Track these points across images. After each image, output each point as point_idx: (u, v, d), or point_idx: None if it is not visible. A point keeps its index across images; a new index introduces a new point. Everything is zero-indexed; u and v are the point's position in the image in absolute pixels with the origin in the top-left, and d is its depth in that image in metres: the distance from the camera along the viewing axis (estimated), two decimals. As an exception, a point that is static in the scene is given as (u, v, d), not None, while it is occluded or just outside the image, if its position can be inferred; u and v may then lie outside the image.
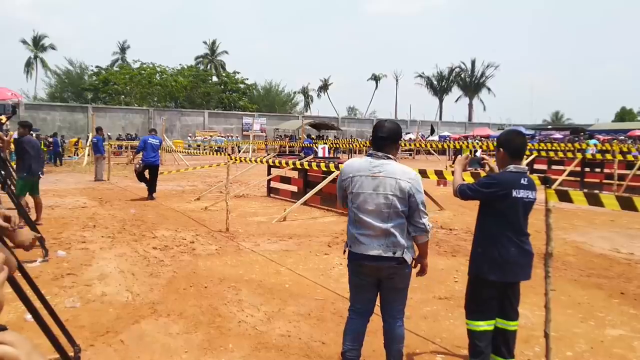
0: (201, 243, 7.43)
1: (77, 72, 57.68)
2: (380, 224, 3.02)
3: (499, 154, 3.42)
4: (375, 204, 3.04)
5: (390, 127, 3.18)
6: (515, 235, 3.24)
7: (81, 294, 5.10)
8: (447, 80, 77.74)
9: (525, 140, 3.53)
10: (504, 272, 3.26)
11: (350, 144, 32.54)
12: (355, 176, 3.12)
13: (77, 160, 27.68)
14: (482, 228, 3.39)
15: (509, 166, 3.30)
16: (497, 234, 3.26)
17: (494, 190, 3.23)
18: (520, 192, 3.19)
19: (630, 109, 73.10)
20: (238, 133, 47.74)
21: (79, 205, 11.14)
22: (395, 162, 3.10)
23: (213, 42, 67.02)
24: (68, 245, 7.19)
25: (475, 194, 3.32)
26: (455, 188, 3.47)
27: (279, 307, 4.75)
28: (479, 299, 3.40)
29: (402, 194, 2.99)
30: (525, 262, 3.28)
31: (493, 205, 3.29)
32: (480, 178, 3.56)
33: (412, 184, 3.01)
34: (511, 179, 3.23)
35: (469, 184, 3.43)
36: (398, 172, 3.04)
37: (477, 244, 3.42)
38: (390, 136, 3.14)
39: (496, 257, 3.24)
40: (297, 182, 12.20)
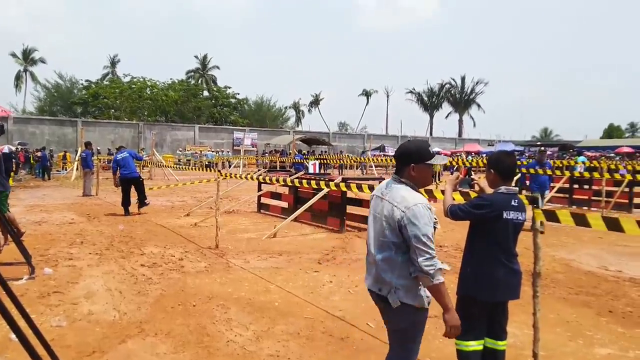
0: (190, 260, 7.38)
1: (67, 85, 57.60)
2: (373, 252, 2.77)
3: (489, 175, 3.41)
4: (374, 228, 2.80)
5: (402, 147, 2.90)
6: (505, 256, 3.23)
7: (67, 312, 5.03)
8: (438, 97, 78.42)
9: (515, 160, 3.52)
10: (493, 292, 3.25)
11: (339, 160, 32.60)
12: (374, 195, 2.94)
13: (65, 175, 27.49)
14: (472, 248, 3.38)
15: (500, 187, 3.30)
16: (487, 255, 3.25)
17: (486, 211, 3.23)
18: (511, 213, 3.20)
19: (617, 125, 74.19)
20: (229, 148, 47.73)
21: (66, 221, 11.04)
22: (405, 187, 2.75)
23: (204, 57, 67.20)
24: (55, 262, 7.10)
25: (467, 215, 3.31)
26: (446, 208, 3.45)
27: (268, 326, 4.72)
28: (469, 318, 3.33)
29: (393, 223, 2.65)
30: (514, 282, 3.27)
31: (483, 226, 3.28)
32: (472, 199, 3.54)
33: (405, 214, 2.60)
34: (502, 201, 3.23)
35: (460, 204, 3.41)
36: (398, 198, 2.69)
37: (466, 264, 3.41)
38: (399, 156, 2.85)
39: (485, 277, 3.24)
40: (287, 198, 12.18)
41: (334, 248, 8.33)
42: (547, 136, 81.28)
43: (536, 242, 3.40)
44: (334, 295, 5.78)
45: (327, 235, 9.60)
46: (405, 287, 2.65)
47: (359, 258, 7.62)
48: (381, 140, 56.17)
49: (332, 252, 7.99)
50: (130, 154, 12.70)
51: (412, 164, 2.74)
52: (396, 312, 2.70)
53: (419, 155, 2.76)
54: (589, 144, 53.38)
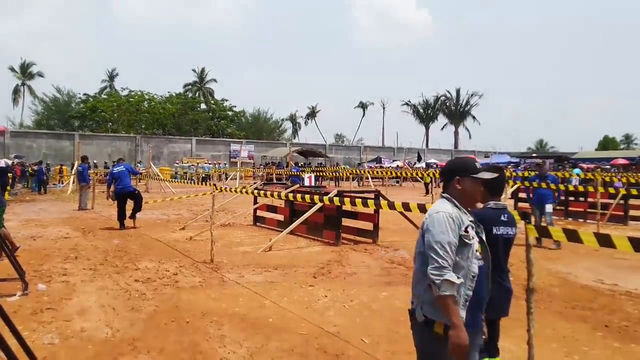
0: (185, 275, 7.34)
1: (65, 99, 57.79)
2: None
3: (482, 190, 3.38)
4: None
5: (448, 162, 2.87)
6: (496, 273, 3.14)
7: (60, 329, 4.99)
8: (433, 109, 78.75)
9: (504, 175, 3.52)
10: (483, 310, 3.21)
11: (334, 172, 32.55)
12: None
13: (61, 189, 27.42)
14: None
15: (489, 202, 3.27)
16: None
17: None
18: (501, 229, 3.17)
19: (613, 137, 74.38)
20: (226, 160, 47.78)
21: (61, 235, 10.99)
22: (443, 200, 2.69)
23: (202, 70, 67.54)
24: (49, 277, 7.06)
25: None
26: None
27: (262, 342, 4.68)
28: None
29: (421, 231, 2.61)
30: (504, 299, 3.26)
31: None
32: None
33: (426, 221, 2.58)
34: (491, 216, 3.20)
35: None
36: (431, 208, 2.66)
37: None
38: (445, 171, 2.79)
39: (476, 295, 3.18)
40: (283, 211, 12.17)
41: (329, 261, 8.30)
42: (543, 148, 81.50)
43: (529, 258, 3.39)
44: (329, 310, 5.74)
45: (323, 249, 9.57)
46: (430, 301, 2.49)
47: (355, 272, 7.60)
48: (377, 152, 56.29)
49: (327, 266, 7.96)
50: (126, 168, 12.68)
51: (457, 176, 2.66)
52: (419, 329, 2.56)
53: (464, 168, 2.69)
54: (585, 156, 53.50)
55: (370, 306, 5.89)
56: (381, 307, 5.85)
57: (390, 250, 9.40)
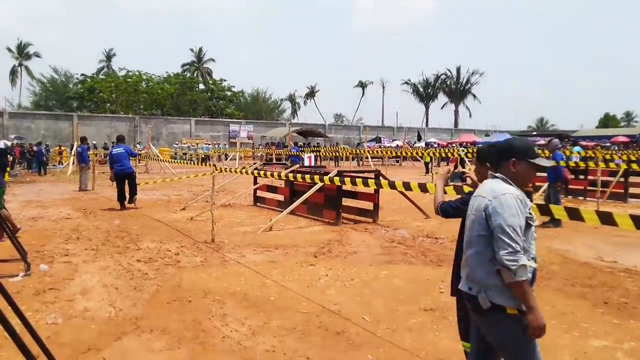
0: (186, 255, 7.37)
1: (62, 80, 57.37)
2: (465, 250, 2.63)
3: (484, 169, 3.22)
4: (467, 226, 2.66)
5: (505, 141, 2.76)
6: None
7: (63, 309, 5.02)
8: (433, 87, 78.25)
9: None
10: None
11: (334, 152, 32.50)
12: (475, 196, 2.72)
13: (61, 170, 27.41)
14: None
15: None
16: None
17: None
18: None
19: (613, 115, 74.18)
20: (225, 140, 47.63)
21: (62, 216, 11.02)
22: (497, 180, 2.60)
23: (200, 50, 66.89)
24: (51, 258, 7.09)
25: (457, 212, 3.20)
26: (436, 205, 3.35)
27: (264, 321, 4.72)
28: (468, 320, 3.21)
29: (480, 213, 2.51)
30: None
31: None
32: (464, 195, 3.42)
33: (490, 203, 2.47)
34: None
35: (451, 201, 3.29)
36: (487, 189, 2.57)
37: (457, 264, 3.31)
38: (501, 150, 2.68)
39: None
40: (283, 191, 12.17)
41: (329, 241, 8.33)
42: (543, 126, 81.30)
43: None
44: (330, 288, 5.78)
45: (323, 228, 9.60)
46: (497, 286, 2.44)
47: (355, 251, 7.63)
48: (377, 132, 56.14)
49: (327, 245, 7.99)
50: (125, 149, 12.65)
51: (514, 158, 2.58)
52: (488, 316, 2.50)
53: (523, 151, 2.61)
54: (585, 134, 53.40)
55: (371, 284, 5.93)
56: (381, 286, 5.88)
57: (390, 229, 9.42)
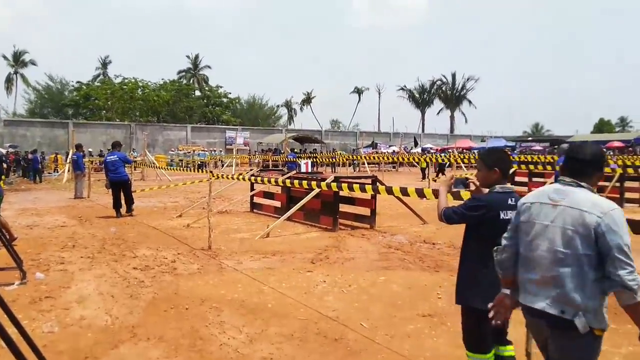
0: (183, 262, 7.35)
1: (58, 87, 57.33)
2: (551, 268, 2.39)
3: (494, 174, 3.18)
4: (548, 239, 2.40)
5: (593, 150, 2.52)
6: None
7: (59, 317, 4.99)
8: (429, 93, 78.63)
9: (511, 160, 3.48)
10: (490, 300, 2.96)
11: (331, 158, 32.52)
12: (534, 203, 2.53)
13: (56, 177, 27.32)
14: (468, 252, 3.25)
15: (494, 186, 3.14)
16: (484, 259, 3.02)
17: (481, 212, 3.07)
18: (508, 213, 2.99)
19: (608, 120, 74.51)
20: (221, 147, 47.62)
21: (58, 224, 10.97)
22: (587, 191, 2.41)
23: (196, 57, 67.07)
24: (47, 266, 7.05)
25: (462, 218, 3.16)
26: (440, 212, 3.30)
27: (262, 328, 4.70)
28: (476, 330, 3.19)
29: (586, 231, 2.28)
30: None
31: (480, 229, 3.12)
32: (466, 201, 3.36)
33: (602, 220, 2.25)
34: (499, 200, 3.06)
35: (455, 207, 3.24)
36: (585, 202, 2.34)
37: (464, 270, 3.27)
38: (593, 160, 2.48)
39: (484, 284, 3.05)
40: (280, 198, 12.16)
41: (327, 247, 8.32)
42: (539, 131, 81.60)
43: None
44: (328, 295, 5.77)
45: (320, 234, 9.59)
46: (595, 310, 2.30)
47: (352, 257, 7.62)
48: (373, 138, 56.18)
49: (325, 252, 7.98)
50: (119, 157, 12.61)
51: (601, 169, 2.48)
52: (579, 339, 2.33)
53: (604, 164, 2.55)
54: (580, 139, 53.41)
55: (369, 291, 5.92)
56: (379, 292, 5.88)
57: (387, 235, 9.42)
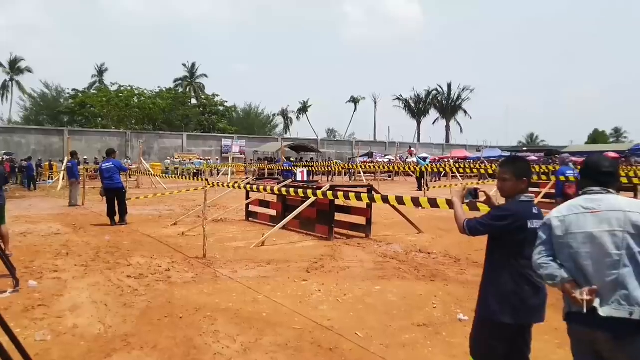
0: (177, 271, 7.31)
1: (53, 95, 57.29)
2: (608, 272, 2.37)
3: (522, 184, 3.10)
4: (598, 245, 2.41)
5: (612, 162, 2.68)
6: (531, 272, 2.88)
7: (52, 326, 4.95)
8: (425, 103, 78.94)
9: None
10: (517, 314, 2.97)
11: (327, 167, 32.51)
12: (568, 215, 2.53)
13: (51, 185, 27.22)
14: (493, 264, 3.11)
15: (520, 195, 3.06)
16: (511, 271, 2.97)
17: (508, 222, 2.96)
18: (534, 222, 2.92)
19: (602, 131, 74.99)
20: (217, 155, 47.59)
21: (52, 231, 10.91)
22: (617, 195, 2.54)
23: (192, 65, 67.17)
24: (40, 274, 7.00)
25: (488, 229, 3.04)
26: (462, 224, 3.13)
27: (256, 337, 4.67)
28: (491, 345, 3.08)
29: (636, 229, 2.35)
30: (539, 301, 3.01)
31: (507, 239, 3.00)
32: (491, 210, 3.24)
33: None
34: (525, 209, 3.00)
35: (478, 218, 3.09)
36: (623, 204, 2.45)
37: (487, 282, 3.14)
38: (614, 170, 2.63)
39: (509, 297, 2.96)
40: (276, 206, 12.13)
41: (322, 256, 8.29)
42: (533, 142, 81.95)
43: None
44: (323, 304, 5.74)
45: (316, 243, 9.56)
46: None
47: (348, 266, 7.60)
48: (369, 147, 56.32)
49: (320, 261, 7.95)
50: (115, 164, 12.58)
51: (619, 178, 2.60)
52: None
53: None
54: (575, 150, 53.55)
55: (364, 300, 5.90)
56: (374, 301, 5.86)
57: (383, 244, 9.41)
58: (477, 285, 6.56)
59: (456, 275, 7.10)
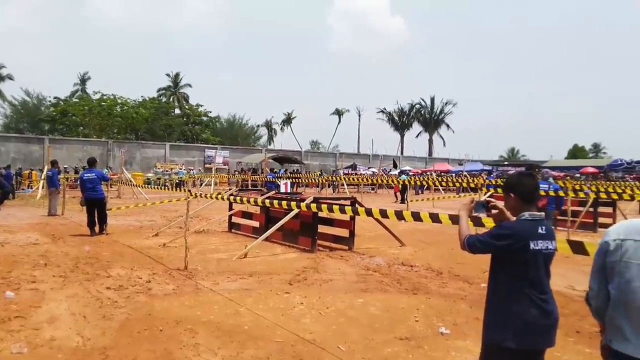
0: (158, 282, 7.22)
1: (34, 102, 56.55)
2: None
3: (509, 200, 2.97)
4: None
5: None
6: (537, 294, 2.79)
7: (29, 338, 4.85)
8: (408, 116, 79.53)
9: (537, 182, 3.09)
10: (522, 338, 2.78)
11: (309, 179, 32.47)
12: (626, 240, 2.28)
13: (30, 194, 26.79)
14: (496, 286, 2.93)
15: (523, 213, 2.88)
16: (515, 293, 2.81)
17: (508, 242, 2.78)
18: (539, 243, 2.79)
19: (582, 146, 76.28)
20: (200, 166, 47.37)
21: (30, 241, 10.72)
22: None
23: (176, 75, 66.91)
24: (17, 285, 6.87)
25: (487, 247, 2.87)
26: (463, 239, 2.99)
27: (237, 350, 4.63)
28: None
29: None
30: (547, 324, 2.83)
31: (508, 260, 2.84)
32: (492, 228, 3.05)
33: None
34: (527, 229, 2.82)
35: (479, 235, 2.92)
36: None
37: (491, 304, 2.96)
38: None
39: (513, 320, 2.79)
40: (259, 218, 12.10)
41: (305, 268, 8.27)
42: (514, 156, 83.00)
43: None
44: (305, 317, 5.72)
45: (299, 255, 9.54)
46: None
47: (330, 279, 7.59)
48: (353, 159, 56.54)
49: (303, 273, 7.93)
50: (97, 175, 12.43)
51: None
52: None
53: None
54: (555, 164, 54.46)
55: (346, 313, 5.88)
56: (357, 314, 5.85)
57: (366, 257, 9.42)
58: (459, 298, 6.64)
59: (438, 289, 7.13)
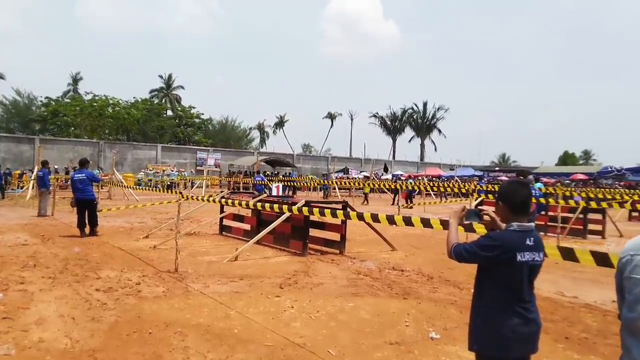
0: (148, 285, 7.18)
1: (25, 102, 56.15)
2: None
3: (498, 208, 2.95)
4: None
5: None
6: (520, 304, 2.81)
7: (17, 340, 4.81)
8: (400, 121, 79.88)
9: (530, 192, 3.02)
10: (506, 346, 2.81)
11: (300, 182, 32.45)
12: (636, 255, 2.17)
13: (20, 194, 26.59)
14: (482, 296, 2.94)
15: (511, 224, 2.84)
16: (499, 303, 2.82)
17: (495, 253, 2.76)
18: (526, 254, 2.77)
19: (572, 153, 76.91)
20: (192, 168, 47.24)
21: (19, 242, 10.64)
22: None
23: (169, 77, 66.82)
24: (5, 286, 6.81)
25: (473, 257, 2.85)
26: (450, 249, 2.95)
27: (227, 354, 4.61)
28: None
29: None
30: (530, 332, 2.85)
31: (494, 270, 2.83)
32: (480, 237, 2.98)
33: None
34: (515, 240, 2.79)
35: (466, 244, 2.90)
36: None
37: (475, 313, 2.99)
38: None
39: (496, 329, 2.81)
40: (250, 221, 12.07)
41: (296, 272, 8.26)
42: (505, 162, 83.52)
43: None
44: (295, 321, 5.71)
45: (290, 259, 9.52)
46: None
47: (321, 282, 7.58)
48: (345, 163, 56.62)
49: (294, 276, 7.91)
50: (88, 175, 12.34)
51: None
52: None
53: None
54: (545, 171, 54.90)
55: (337, 317, 5.88)
56: (347, 318, 5.84)
57: (356, 261, 9.42)
58: (449, 303, 6.65)
59: (429, 293, 7.14)
